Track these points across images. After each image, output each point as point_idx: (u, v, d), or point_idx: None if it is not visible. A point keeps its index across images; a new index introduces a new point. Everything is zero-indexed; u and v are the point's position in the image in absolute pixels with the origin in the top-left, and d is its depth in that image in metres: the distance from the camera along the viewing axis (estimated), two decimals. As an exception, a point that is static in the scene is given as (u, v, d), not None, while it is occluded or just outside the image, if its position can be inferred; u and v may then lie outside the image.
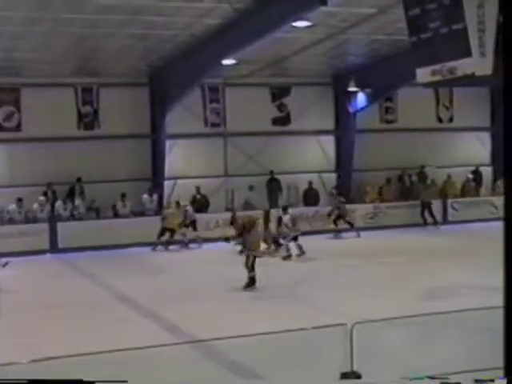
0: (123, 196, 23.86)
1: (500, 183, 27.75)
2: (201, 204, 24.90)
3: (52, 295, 15.30)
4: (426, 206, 26.21)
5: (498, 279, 15.18)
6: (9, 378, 3.54)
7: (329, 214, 24.39)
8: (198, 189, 25.06)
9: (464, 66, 12.70)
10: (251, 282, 15.24)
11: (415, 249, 20.80)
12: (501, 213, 23.84)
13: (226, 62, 21.71)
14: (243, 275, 15.34)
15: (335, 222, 24.38)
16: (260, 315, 12.44)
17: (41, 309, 13.80)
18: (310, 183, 26.80)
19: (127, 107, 24.72)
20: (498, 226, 23.14)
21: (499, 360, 6.73)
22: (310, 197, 26.73)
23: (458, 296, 13.60)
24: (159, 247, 22.13)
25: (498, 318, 9.21)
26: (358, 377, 5.65)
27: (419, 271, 16.64)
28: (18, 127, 23.69)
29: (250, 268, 15.25)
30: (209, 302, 14.08)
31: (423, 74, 14.23)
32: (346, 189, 27.44)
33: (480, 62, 12.43)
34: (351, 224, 24.41)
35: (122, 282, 16.68)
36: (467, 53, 12.63)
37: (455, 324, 9.61)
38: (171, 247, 22.27)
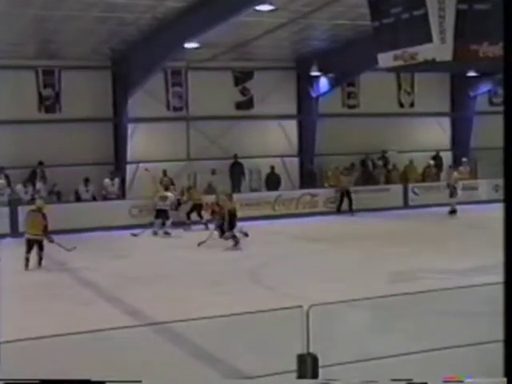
0: (86, 180, 23.64)
1: (462, 169, 27.96)
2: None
3: (11, 279, 15.13)
4: (345, 194, 26.02)
5: (458, 262, 15.43)
6: (19, 378, 3.51)
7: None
8: (164, 172, 24.88)
9: (425, 52, 12.82)
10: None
11: (377, 233, 20.97)
12: (461, 197, 24.13)
13: (189, 45, 21.57)
14: (206, 259, 15.33)
15: None
16: (221, 299, 12.46)
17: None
18: (272, 168, 26.83)
19: (89, 90, 24.48)
20: (460, 211, 23.57)
21: (454, 340, 6.86)
22: (272, 181, 26.78)
23: (418, 279, 13.76)
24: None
25: (455, 300, 9.36)
26: (315, 358, 5.70)
27: (381, 255, 16.77)
28: (-24, 109, 23.33)
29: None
30: (171, 286, 14.07)
31: (385, 59, 14.35)
32: (308, 173, 27.56)
33: (440, 48, 12.56)
34: None
35: (84, 265, 16.58)
36: (428, 38, 12.74)
37: (414, 306, 9.72)
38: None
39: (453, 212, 24.99)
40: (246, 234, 19.66)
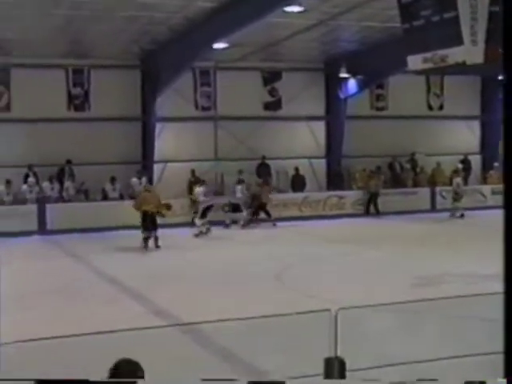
0: (113, 179, 23.79)
1: (493, 173, 27.82)
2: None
3: (39, 276, 15.28)
4: (374, 196, 26.03)
5: (486, 267, 15.29)
6: (16, 378, 3.61)
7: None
8: (193, 172, 25.00)
9: (455, 54, 12.72)
10: None
11: (404, 236, 20.86)
12: (490, 201, 24.08)
13: (218, 45, 21.63)
14: (233, 259, 15.40)
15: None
16: (248, 300, 12.44)
17: (27, 290, 13.76)
18: (297, 169, 26.74)
19: (118, 89, 24.62)
20: (487, 215, 23.57)
21: (483, 347, 6.79)
22: (297, 182, 26.72)
23: (446, 283, 13.65)
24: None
25: (484, 306, 9.28)
26: (342, 362, 5.67)
27: (407, 258, 16.67)
28: (7, 107, 23.58)
29: None
30: (196, 286, 14.07)
31: (415, 61, 14.26)
32: (336, 175, 27.49)
33: (471, 51, 12.47)
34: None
35: (110, 264, 16.67)
36: (459, 41, 12.64)
37: (441, 311, 9.65)
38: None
39: (453, 216, 24.92)
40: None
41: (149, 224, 18.87)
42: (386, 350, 8.45)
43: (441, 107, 29.30)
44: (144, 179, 24.45)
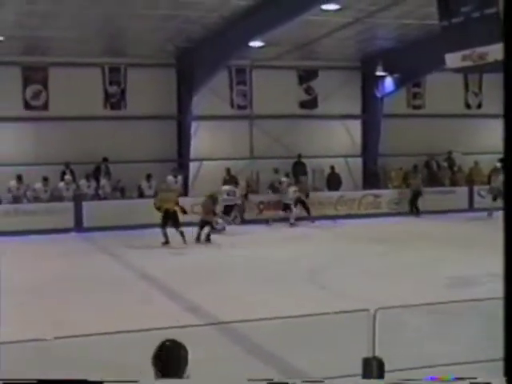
0: (148, 176, 23.91)
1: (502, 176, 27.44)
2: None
3: (76, 273, 15.41)
4: (416, 196, 25.85)
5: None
6: (16, 378, 3.69)
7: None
8: (228, 170, 25.09)
9: (495, 52, 12.52)
10: None
11: (441, 235, 20.68)
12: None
13: (254, 44, 21.61)
14: (266, 257, 15.77)
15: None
16: (284, 299, 12.42)
17: (63, 287, 13.89)
18: (332, 167, 26.64)
19: (154, 88, 24.75)
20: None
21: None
22: (333, 181, 26.61)
23: (484, 284, 13.49)
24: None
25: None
26: (381, 362, 5.62)
27: (445, 258, 16.52)
28: (45, 106, 23.84)
29: None
30: (233, 284, 14.11)
31: (453, 59, 14.09)
32: (372, 174, 27.36)
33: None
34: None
35: (146, 261, 16.77)
36: (499, 38, 12.46)
37: (480, 312, 9.53)
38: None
39: (491, 215, 24.52)
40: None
41: (169, 222, 19.45)
42: (425, 351, 8.37)
43: (479, 106, 28.99)
44: (180, 177, 24.57)
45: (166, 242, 19.30)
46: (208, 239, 19.80)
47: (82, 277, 14.96)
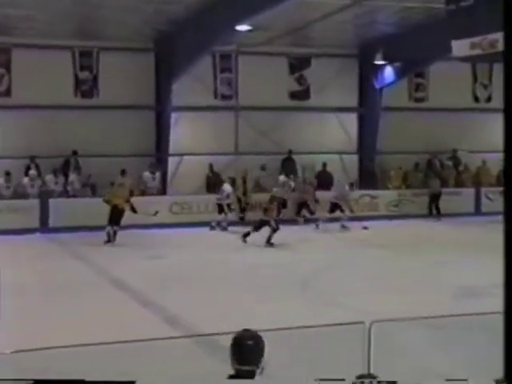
0: (123, 172, 23.80)
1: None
2: (213, 183, 24.97)
3: (41, 279, 15.32)
4: (435, 197, 26.10)
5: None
6: (13, 378, 3.74)
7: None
8: (210, 167, 25.08)
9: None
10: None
11: (444, 241, 20.72)
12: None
13: (241, 27, 21.54)
14: (255, 262, 16.14)
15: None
16: (271, 308, 12.41)
17: (28, 293, 13.80)
18: (324, 165, 26.66)
19: (130, 75, 24.65)
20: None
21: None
22: (323, 180, 26.55)
23: (491, 296, 13.50)
24: None
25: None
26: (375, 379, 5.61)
27: (449, 266, 16.56)
28: (7, 92, 23.65)
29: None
30: (214, 290, 14.10)
31: (460, 46, 14.12)
32: (369, 173, 27.38)
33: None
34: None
35: (119, 265, 16.72)
36: None
37: (486, 327, 9.54)
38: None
39: None
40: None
41: (114, 219, 20.22)
42: (424, 369, 8.36)
43: (488, 99, 29.06)
44: (157, 173, 24.53)
45: (108, 241, 20.05)
46: (269, 242, 19.78)
47: (46, 283, 14.87)
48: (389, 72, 26.46)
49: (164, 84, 24.71)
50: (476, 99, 29.09)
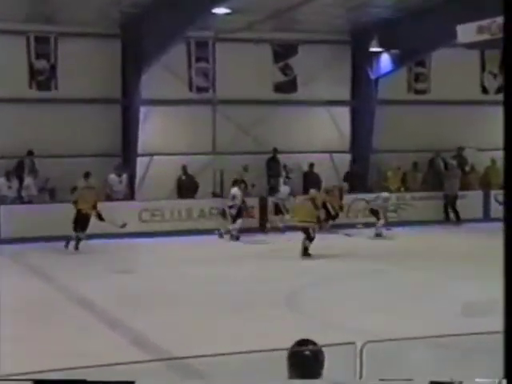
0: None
1: None
2: (187, 187, 24.92)
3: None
4: (451, 200, 26.26)
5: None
6: (12, 378, 3.78)
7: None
8: (184, 168, 25.11)
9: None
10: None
11: (449, 251, 20.77)
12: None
13: (218, 10, 21.58)
14: (237, 276, 16.28)
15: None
16: (251, 327, 12.41)
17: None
18: (311, 166, 26.69)
19: (93, 64, 24.57)
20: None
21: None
22: (310, 182, 26.46)
23: (496, 313, 13.58)
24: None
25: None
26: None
27: (453, 280, 16.60)
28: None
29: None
30: (189, 309, 14.10)
31: (466, 31, 14.21)
32: (363, 174, 27.43)
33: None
34: None
35: (83, 281, 16.65)
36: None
37: (491, 348, 9.58)
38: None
39: None
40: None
41: (80, 225, 20.94)
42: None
43: (498, 90, 29.11)
44: (125, 176, 24.48)
45: (76, 248, 20.79)
46: (305, 252, 20.14)
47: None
48: (385, 60, 26.51)
49: (132, 75, 24.66)
50: (484, 90, 29.20)
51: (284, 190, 24.74)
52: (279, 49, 26.80)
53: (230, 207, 23.32)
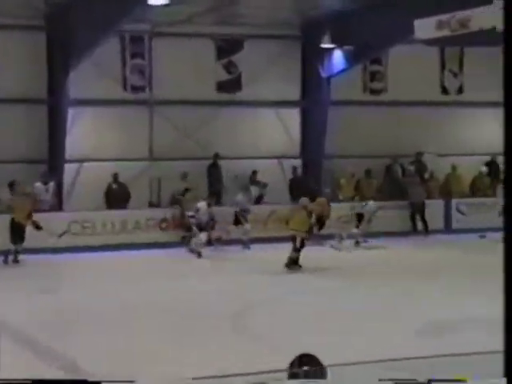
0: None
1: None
2: (118, 197, 24.81)
3: None
4: (418, 208, 26.45)
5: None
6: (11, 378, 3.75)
7: None
8: (115, 176, 24.95)
9: (481, 17, 12.75)
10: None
11: (409, 266, 20.91)
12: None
13: (155, 1, 21.46)
14: (177, 295, 16.23)
15: None
16: (191, 352, 12.39)
17: None
18: (254, 173, 26.59)
19: (14, 60, 24.40)
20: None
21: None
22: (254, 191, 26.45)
23: (463, 332, 13.68)
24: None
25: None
26: None
27: (414, 297, 16.72)
28: None
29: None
30: (123, 333, 14.04)
31: (424, 26, 14.29)
32: (315, 181, 27.45)
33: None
34: None
35: (2, 302, 16.42)
36: (485, -1, 12.69)
37: (455, 371, 9.66)
38: None
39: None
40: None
41: (17, 236, 21.26)
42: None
43: (460, 90, 29.49)
44: (51, 184, 24.25)
45: (12, 261, 21.14)
46: (291, 263, 20.47)
47: None
48: (338, 58, 26.59)
49: (58, 72, 24.46)
50: (444, 90, 29.48)
51: (243, 197, 24.54)
52: (222, 44, 26.81)
53: (191, 217, 23.32)
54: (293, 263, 20.42)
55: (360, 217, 25.03)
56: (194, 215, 23.17)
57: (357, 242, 24.58)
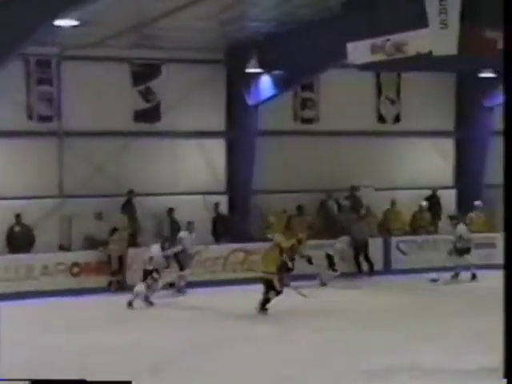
0: None
1: (474, 216, 28.24)
2: (21, 240, 24.52)
3: None
4: (362, 247, 26.60)
5: (458, 358, 15.51)
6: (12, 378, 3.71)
7: None
8: (17, 217, 24.66)
9: (417, 41, 12.92)
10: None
11: (345, 310, 21.00)
12: (471, 259, 24.37)
13: (63, 22, 21.33)
14: (93, 346, 16.05)
15: None
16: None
17: None
18: (171, 210, 26.44)
19: None
20: (465, 279, 23.90)
21: None
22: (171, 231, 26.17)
23: (406, 382, 13.75)
24: None
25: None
26: None
27: (354, 344, 16.78)
28: None
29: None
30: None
31: (358, 50, 14.46)
32: (241, 219, 27.45)
33: (440, 36, 12.66)
34: None
35: None
36: (422, 21, 12.86)
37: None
38: None
39: (456, 277, 25.34)
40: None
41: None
42: None
43: (397, 119, 29.77)
44: None
45: None
46: (262, 307, 20.68)
47: None
48: (266, 83, 26.67)
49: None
50: (381, 119, 29.75)
51: (188, 235, 24.34)
52: (139, 69, 26.79)
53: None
54: (264, 306, 20.56)
55: (330, 257, 25.10)
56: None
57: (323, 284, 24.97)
